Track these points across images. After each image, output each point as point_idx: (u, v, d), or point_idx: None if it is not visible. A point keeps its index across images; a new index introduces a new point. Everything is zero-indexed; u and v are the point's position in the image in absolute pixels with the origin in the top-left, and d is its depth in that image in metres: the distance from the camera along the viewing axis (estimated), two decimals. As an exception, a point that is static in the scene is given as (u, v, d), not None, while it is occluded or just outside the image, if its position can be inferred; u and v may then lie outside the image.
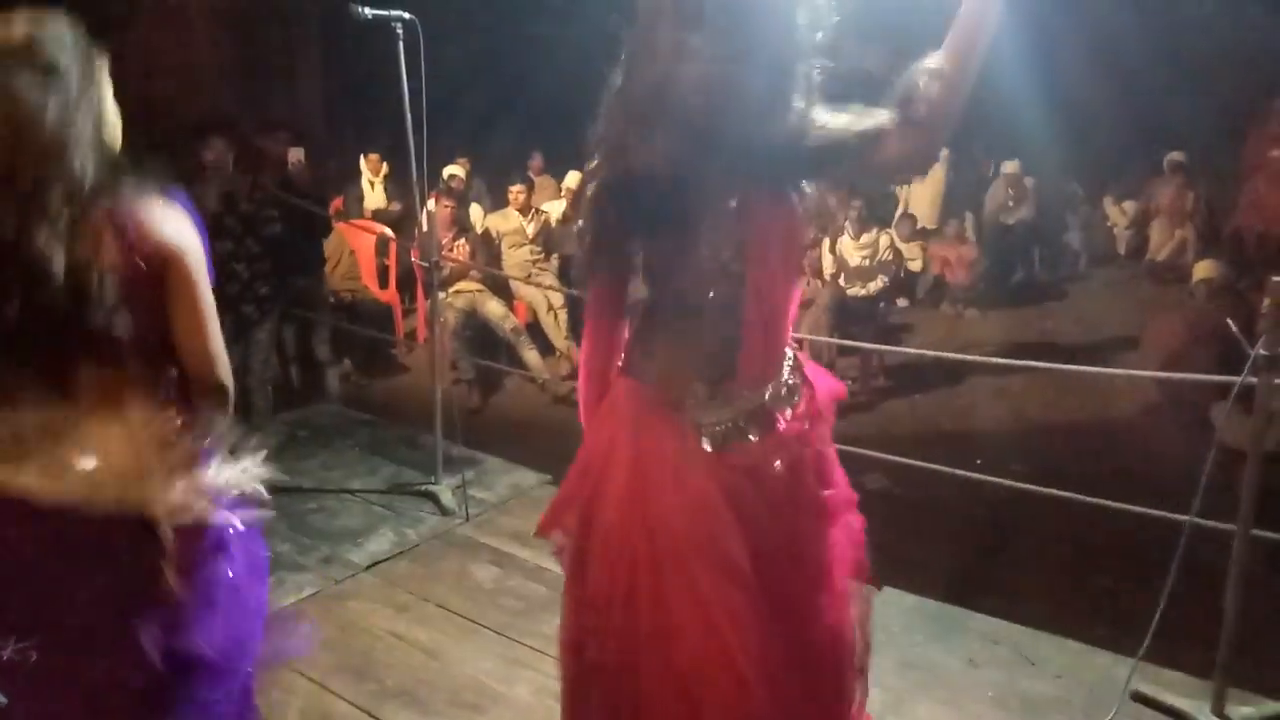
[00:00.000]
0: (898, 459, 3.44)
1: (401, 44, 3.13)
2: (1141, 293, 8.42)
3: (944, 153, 8.98)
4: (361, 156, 8.55)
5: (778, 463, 1.49)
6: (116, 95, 1.52)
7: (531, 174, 8.64)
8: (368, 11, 3.03)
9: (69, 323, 1.37)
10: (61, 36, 1.42)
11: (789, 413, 1.53)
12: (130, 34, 9.02)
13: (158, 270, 1.43)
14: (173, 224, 1.48)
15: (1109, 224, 10.13)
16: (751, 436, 1.48)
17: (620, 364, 1.58)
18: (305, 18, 9.47)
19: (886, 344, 6.36)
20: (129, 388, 1.45)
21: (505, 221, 6.68)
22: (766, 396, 1.51)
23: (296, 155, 5.88)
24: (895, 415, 5.72)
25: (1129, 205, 9.97)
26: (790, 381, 1.55)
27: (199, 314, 1.50)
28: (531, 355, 6.08)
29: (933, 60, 1.37)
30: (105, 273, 1.37)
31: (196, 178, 4.20)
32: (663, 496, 1.44)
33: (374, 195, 8.50)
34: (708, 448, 1.46)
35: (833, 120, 1.38)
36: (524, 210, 6.69)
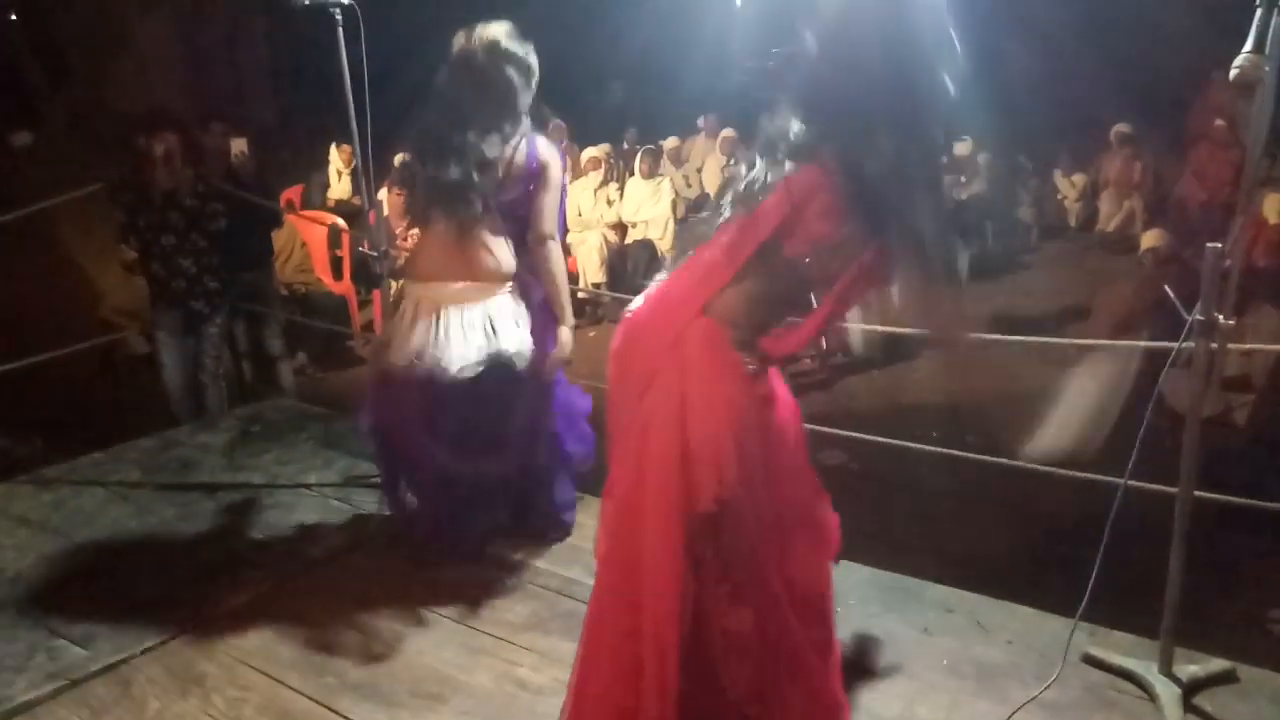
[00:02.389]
0: (855, 434, 3.48)
1: (340, 30, 3.08)
2: (1092, 263, 8.56)
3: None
4: (334, 146, 8.42)
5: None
6: (57, 89, 1.50)
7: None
8: (304, -3, 2.99)
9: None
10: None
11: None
12: (72, 29, 8.83)
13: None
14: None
15: (1059, 197, 10.27)
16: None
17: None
18: (248, 6, 9.30)
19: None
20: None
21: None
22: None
23: (239, 146, 5.78)
24: (852, 392, 5.76)
25: (1078, 178, 10.12)
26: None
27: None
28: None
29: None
30: None
31: (142, 171, 4.11)
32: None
33: (340, 186, 8.39)
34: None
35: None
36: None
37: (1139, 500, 2.28)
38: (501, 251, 2.82)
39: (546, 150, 2.82)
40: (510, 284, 2.87)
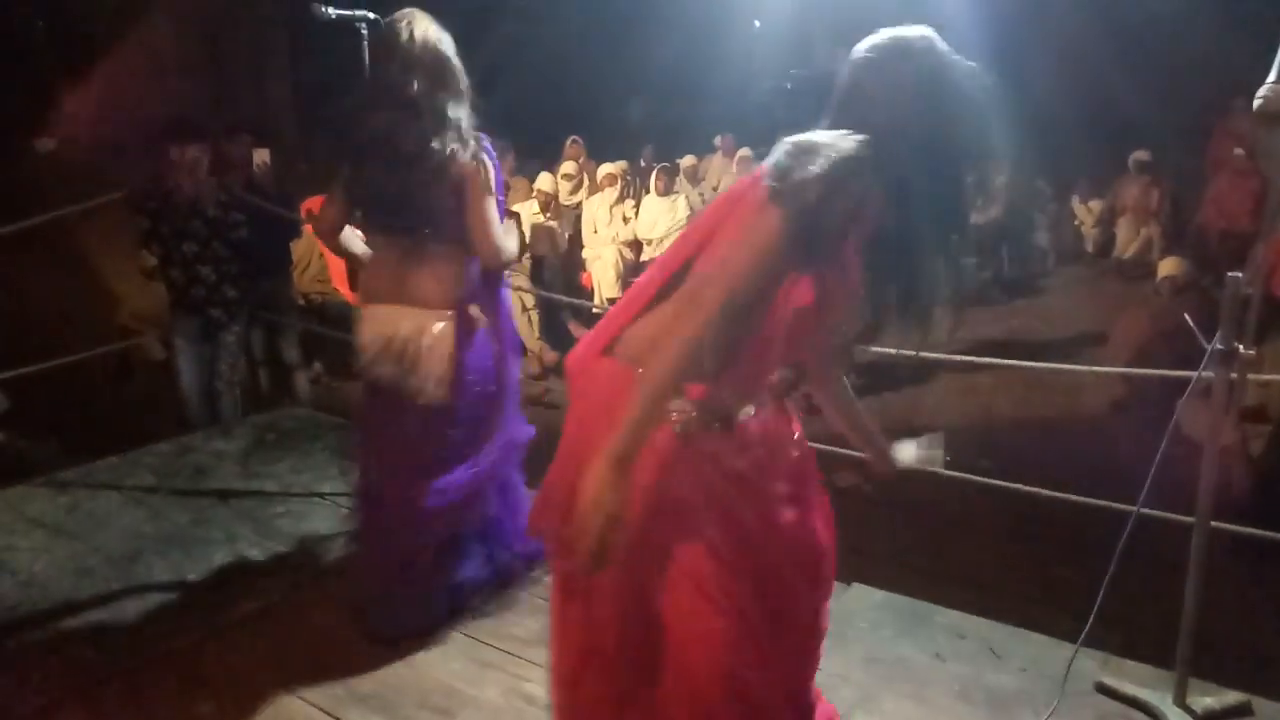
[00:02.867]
0: (868, 457, 3.46)
1: (366, 44, 3.11)
2: (1108, 290, 8.54)
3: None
4: None
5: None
6: (84, 96, 1.54)
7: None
8: (331, 11, 3.01)
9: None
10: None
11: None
12: (98, 36, 8.94)
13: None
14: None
15: (1076, 222, 10.26)
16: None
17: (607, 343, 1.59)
18: (273, 18, 9.39)
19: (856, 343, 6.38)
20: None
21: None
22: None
23: (261, 157, 5.83)
24: (866, 413, 5.74)
25: (1096, 204, 10.10)
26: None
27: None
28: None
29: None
30: None
31: (167, 179, 4.16)
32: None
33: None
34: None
35: None
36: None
37: (1155, 528, 2.26)
38: (443, 274, 2.57)
39: (472, 151, 2.48)
40: (450, 313, 2.59)
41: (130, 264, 6.47)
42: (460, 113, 2.47)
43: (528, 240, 6.87)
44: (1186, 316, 2.18)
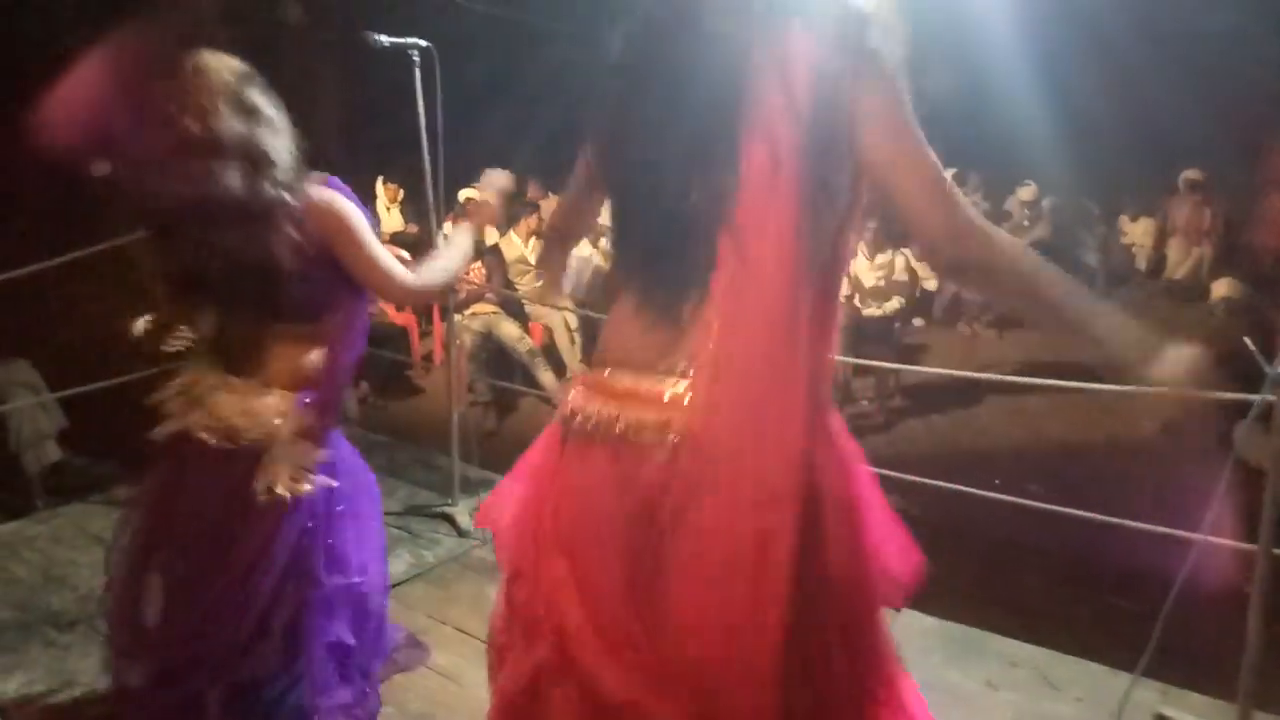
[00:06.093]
0: (914, 479, 3.43)
1: (418, 70, 3.18)
2: (1159, 311, 8.38)
3: (950, 172, 9.00)
4: (380, 181, 8.65)
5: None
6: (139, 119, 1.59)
7: (533, 198, 8.66)
8: (384, 39, 3.07)
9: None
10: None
11: None
12: (151, 64, 9.14)
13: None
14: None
15: (1126, 242, 10.10)
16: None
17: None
18: (323, 45, 9.61)
19: (902, 364, 6.34)
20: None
21: (510, 249, 6.73)
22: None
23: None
24: (912, 435, 5.70)
25: (1145, 223, 9.94)
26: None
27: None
28: (547, 377, 6.11)
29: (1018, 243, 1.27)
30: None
31: None
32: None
33: (390, 219, 8.59)
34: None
35: None
36: (529, 236, 6.75)
37: (1217, 556, 2.22)
38: (292, 357, 2.03)
39: (320, 194, 1.93)
40: (297, 394, 2.03)
41: (185, 285, 6.61)
42: (281, 147, 1.91)
43: (571, 268, 6.92)
44: (1247, 340, 2.14)
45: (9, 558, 3.30)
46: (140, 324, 3.45)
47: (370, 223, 2.01)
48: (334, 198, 1.94)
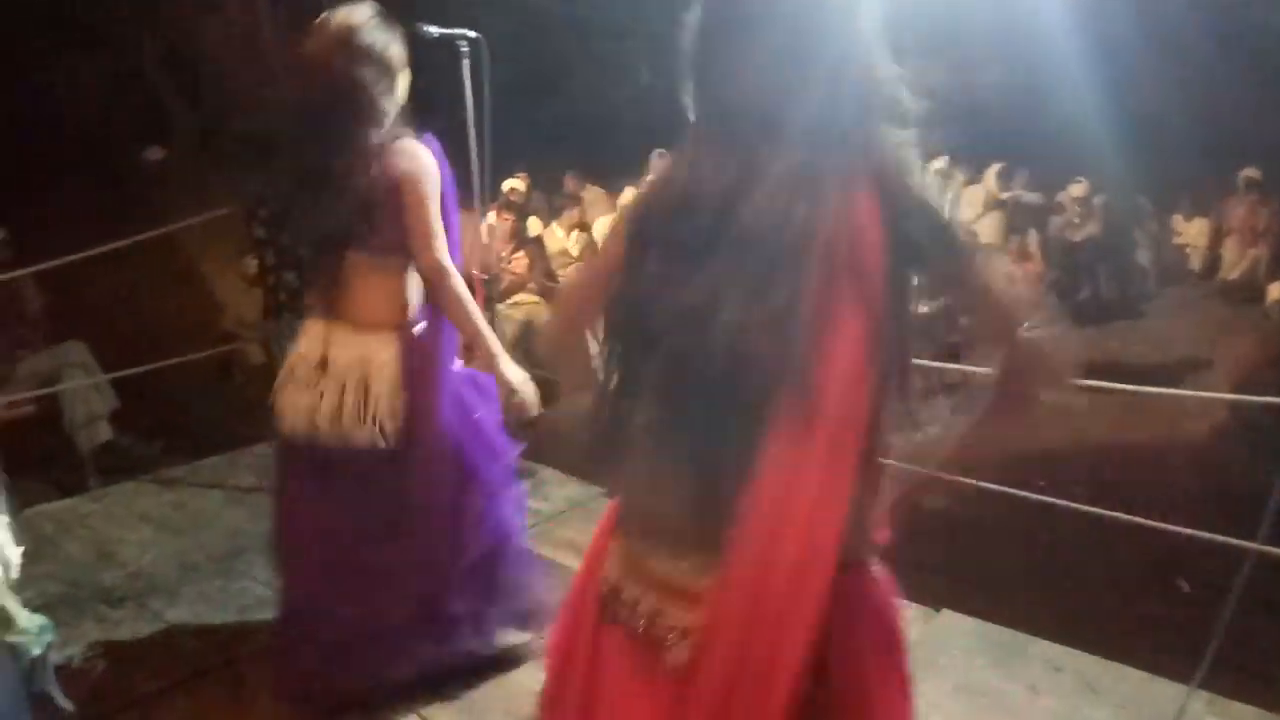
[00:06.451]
0: (957, 478, 3.39)
1: (466, 62, 3.19)
2: (1213, 313, 8.20)
3: (997, 167, 8.86)
4: None
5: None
6: (192, 106, 1.62)
7: (573, 191, 8.68)
8: (434, 30, 3.09)
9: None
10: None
11: None
12: (213, 53, 9.31)
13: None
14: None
15: (1179, 242, 9.88)
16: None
17: None
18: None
19: (946, 362, 6.27)
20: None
21: (552, 241, 6.76)
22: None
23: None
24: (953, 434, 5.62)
25: (1200, 223, 9.72)
26: None
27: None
28: (587, 368, 6.13)
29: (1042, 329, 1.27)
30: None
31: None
32: None
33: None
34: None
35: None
36: (572, 229, 6.77)
37: (1268, 564, 2.17)
38: (383, 292, 2.21)
39: (406, 158, 2.13)
40: (398, 332, 2.23)
41: (233, 272, 6.75)
42: (391, 106, 2.16)
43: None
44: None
45: (62, 534, 3.38)
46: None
47: (450, 189, 2.20)
48: (417, 151, 2.14)
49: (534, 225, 7.57)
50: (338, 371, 2.19)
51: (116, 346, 4.93)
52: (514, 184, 7.75)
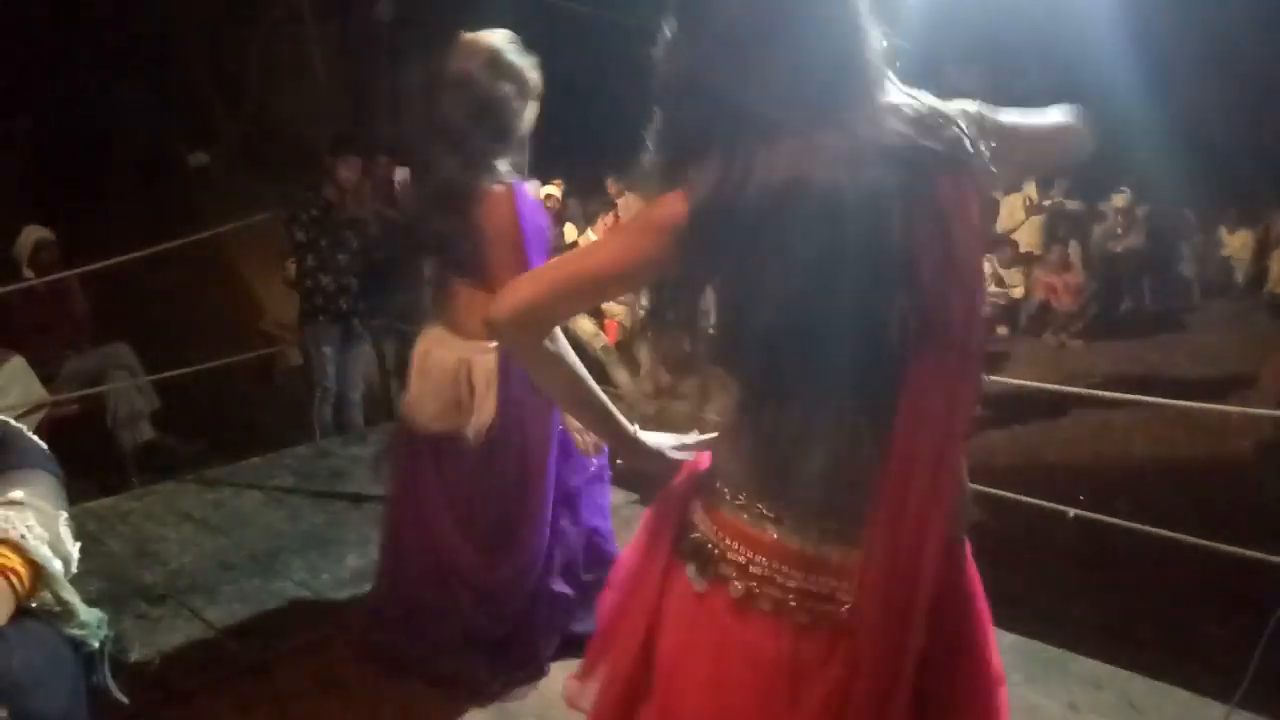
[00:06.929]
0: (997, 491, 3.35)
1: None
2: (1258, 326, 8.05)
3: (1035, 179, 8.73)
4: None
5: None
6: (234, 112, 1.64)
7: (613, 196, 8.69)
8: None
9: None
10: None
11: None
12: (253, 61, 9.46)
13: None
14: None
15: (1224, 253, 9.71)
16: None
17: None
18: (415, 40, 9.80)
19: (986, 373, 6.21)
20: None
21: (583, 248, 6.79)
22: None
23: (402, 175, 6.07)
24: (994, 446, 5.56)
25: (1244, 235, 9.55)
26: None
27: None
28: (621, 374, 6.13)
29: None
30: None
31: (330, 192, 4.42)
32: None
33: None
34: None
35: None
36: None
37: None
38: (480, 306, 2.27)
39: (496, 192, 2.22)
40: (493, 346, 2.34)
41: (273, 275, 6.84)
42: (499, 151, 2.26)
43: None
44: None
45: (104, 532, 3.44)
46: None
47: (538, 236, 2.24)
48: (502, 199, 2.21)
49: (570, 232, 7.60)
50: (446, 370, 2.36)
51: (160, 347, 5.01)
52: (550, 190, 7.79)
